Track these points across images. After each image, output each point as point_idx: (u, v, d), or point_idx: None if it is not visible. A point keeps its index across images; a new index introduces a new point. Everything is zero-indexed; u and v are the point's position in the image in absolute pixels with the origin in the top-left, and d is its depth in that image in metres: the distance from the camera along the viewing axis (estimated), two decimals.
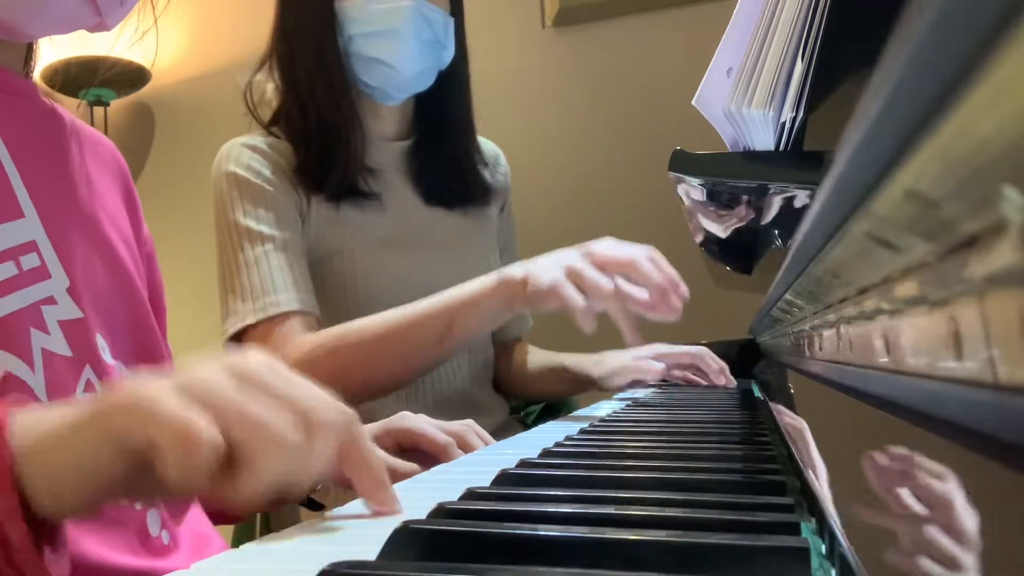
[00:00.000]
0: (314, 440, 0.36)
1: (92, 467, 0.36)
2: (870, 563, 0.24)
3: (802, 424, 0.46)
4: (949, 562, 0.17)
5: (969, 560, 0.16)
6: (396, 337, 0.95)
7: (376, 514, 0.40)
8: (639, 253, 0.85)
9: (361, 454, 0.40)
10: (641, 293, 0.83)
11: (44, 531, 0.36)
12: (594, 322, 0.82)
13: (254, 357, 0.38)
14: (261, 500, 0.35)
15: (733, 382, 1.16)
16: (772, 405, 0.73)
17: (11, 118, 0.56)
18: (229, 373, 0.36)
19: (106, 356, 0.58)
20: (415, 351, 0.94)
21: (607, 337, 1.06)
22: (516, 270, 0.90)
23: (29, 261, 0.53)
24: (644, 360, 1.13)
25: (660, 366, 1.12)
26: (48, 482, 0.36)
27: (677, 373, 1.18)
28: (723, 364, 1.18)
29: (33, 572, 0.36)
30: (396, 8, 1.08)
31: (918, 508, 0.21)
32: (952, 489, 0.18)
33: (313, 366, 0.93)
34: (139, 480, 0.36)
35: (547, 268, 0.86)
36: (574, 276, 0.83)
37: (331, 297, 1.10)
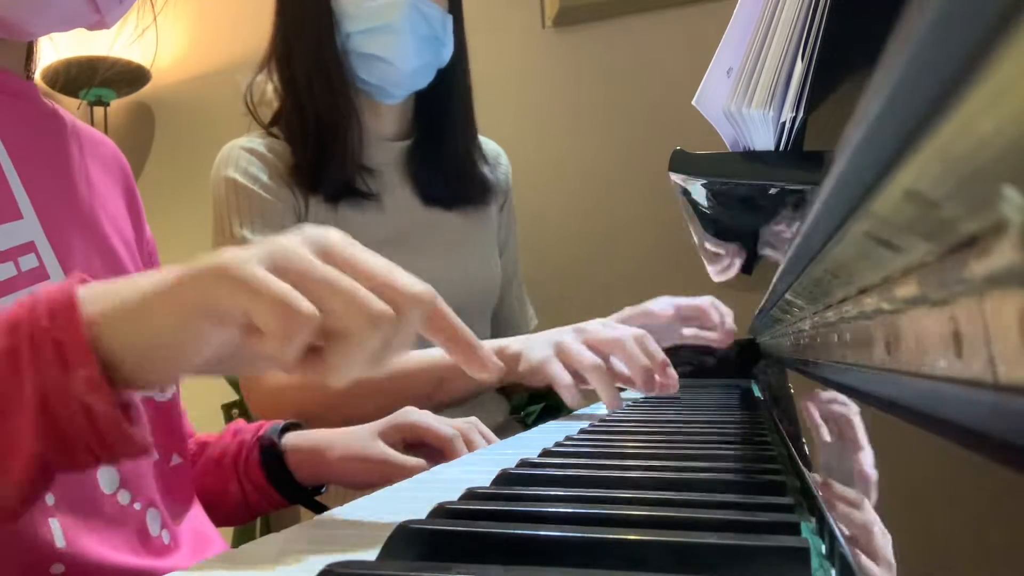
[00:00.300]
0: (403, 312, 0.36)
1: (181, 337, 0.35)
2: (869, 562, 0.24)
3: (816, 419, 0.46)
4: (949, 562, 0.17)
5: (969, 560, 0.16)
6: (385, 386, 0.94)
7: (480, 370, 0.41)
8: (627, 335, 0.89)
9: (450, 321, 0.40)
10: (625, 372, 0.88)
11: (122, 401, 0.36)
12: (580, 399, 0.86)
13: (330, 232, 0.37)
14: (348, 376, 0.35)
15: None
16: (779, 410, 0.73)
17: (11, 119, 0.56)
18: (310, 246, 0.36)
19: None
20: (403, 402, 0.94)
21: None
22: (513, 344, 0.93)
23: (28, 262, 0.53)
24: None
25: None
26: (133, 353, 0.35)
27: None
28: (731, 325, 1.15)
29: (118, 442, 0.35)
30: (392, 4, 1.08)
31: (918, 508, 0.21)
32: (952, 489, 0.18)
33: (301, 394, 0.94)
34: (226, 351, 0.36)
35: (539, 346, 0.90)
36: (562, 353, 0.88)
37: None
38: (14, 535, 0.46)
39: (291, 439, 0.76)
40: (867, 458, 0.28)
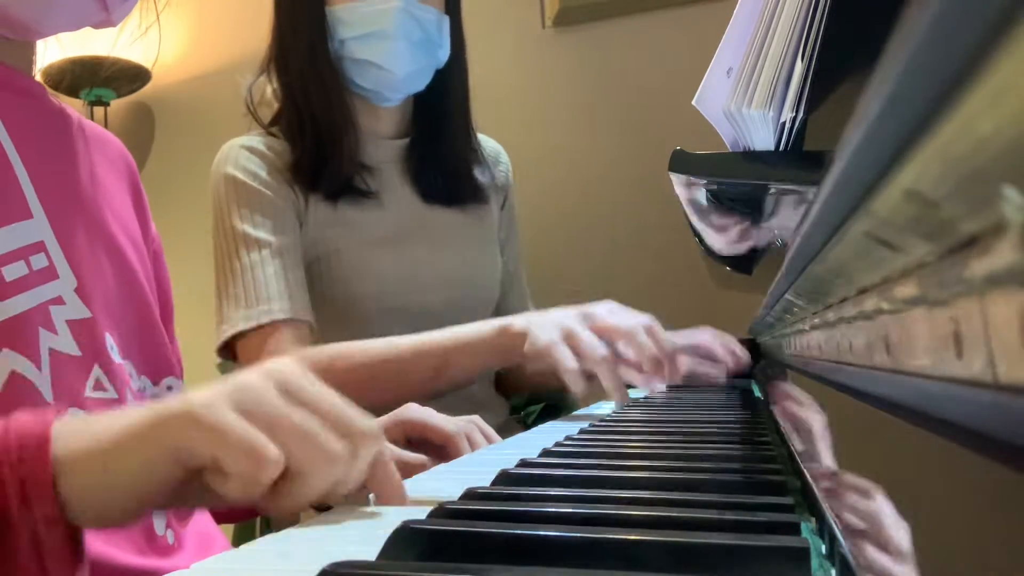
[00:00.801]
0: (357, 453, 0.38)
1: (148, 478, 0.36)
2: (869, 562, 0.24)
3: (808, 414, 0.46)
4: (949, 562, 0.17)
5: (970, 560, 0.16)
6: (389, 369, 0.94)
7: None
8: (637, 323, 0.87)
9: (388, 468, 0.42)
10: (634, 363, 0.86)
11: (71, 538, 0.37)
12: (583, 384, 0.84)
13: (288, 367, 0.39)
14: (304, 507, 0.37)
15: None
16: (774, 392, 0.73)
17: (20, 117, 0.56)
18: (274, 384, 0.37)
19: (115, 355, 0.58)
20: (406, 385, 0.94)
21: None
22: (518, 323, 0.91)
23: (38, 261, 0.53)
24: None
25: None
26: (98, 492, 0.36)
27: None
28: (742, 353, 1.14)
29: (62, 572, 0.36)
30: (384, 10, 1.08)
31: (917, 508, 0.21)
32: (952, 489, 0.18)
33: None
34: (188, 490, 0.37)
35: (546, 327, 0.88)
36: (570, 338, 0.85)
37: (330, 296, 1.11)
38: None
39: None
40: (867, 458, 0.28)
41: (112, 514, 0.37)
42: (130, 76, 1.98)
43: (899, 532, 0.22)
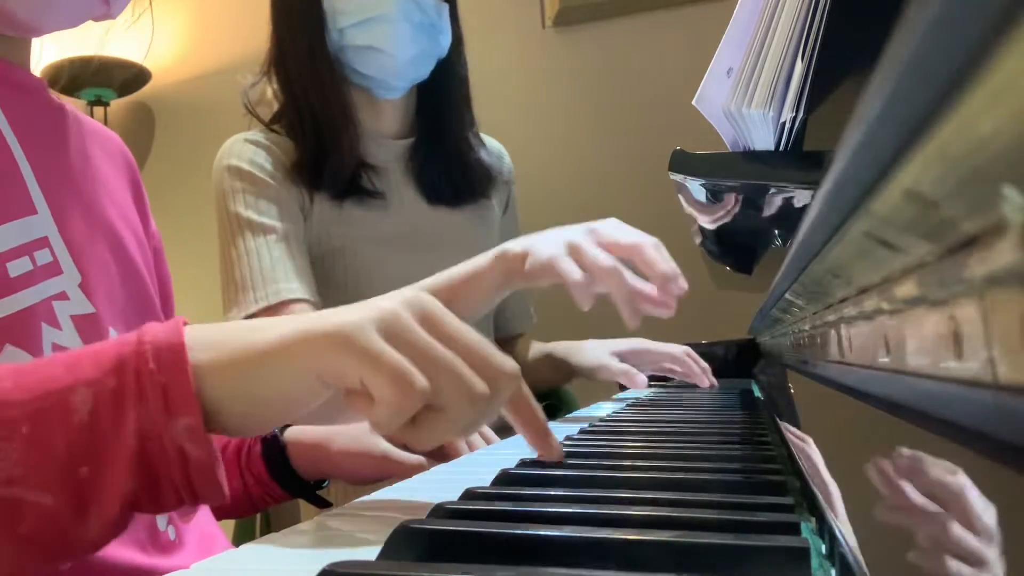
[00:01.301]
0: (497, 393, 0.37)
1: (294, 395, 0.36)
2: (871, 562, 0.24)
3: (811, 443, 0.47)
4: (949, 562, 0.17)
5: (970, 560, 0.16)
6: None
7: (549, 455, 0.45)
8: (645, 239, 0.82)
9: (530, 404, 0.42)
10: (642, 283, 0.80)
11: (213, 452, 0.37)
12: (592, 300, 0.79)
13: (427, 299, 0.38)
14: (439, 443, 0.37)
15: (715, 383, 1.15)
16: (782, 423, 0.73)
17: (22, 114, 0.56)
18: (415, 313, 0.37)
19: None
20: None
21: (609, 329, 1.07)
22: (516, 245, 0.87)
23: (42, 257, 0.53)
24: (630, 368, 1.12)
25: (643, 378, 1.11)
26: (239, 405, 0.36)
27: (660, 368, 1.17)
28: (706, 365, 1.17)
29: (206, 488, 0.36)
30: None
31: (918, 508, 0.21)
32: (952, 489, 0.18)
33: None
34: (327, 407, 0.37)
35: (547, 243, 0.83)
36: (574, 252, 0.81)
37: (333, 295, 1.10)
38: None
39: (293, 432, 0.77)
40: (867, 458, 0.28)
41: (252, 425, 0.37)
42: (130, 76, 1.98)
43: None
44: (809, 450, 0.43)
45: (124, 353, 0.35)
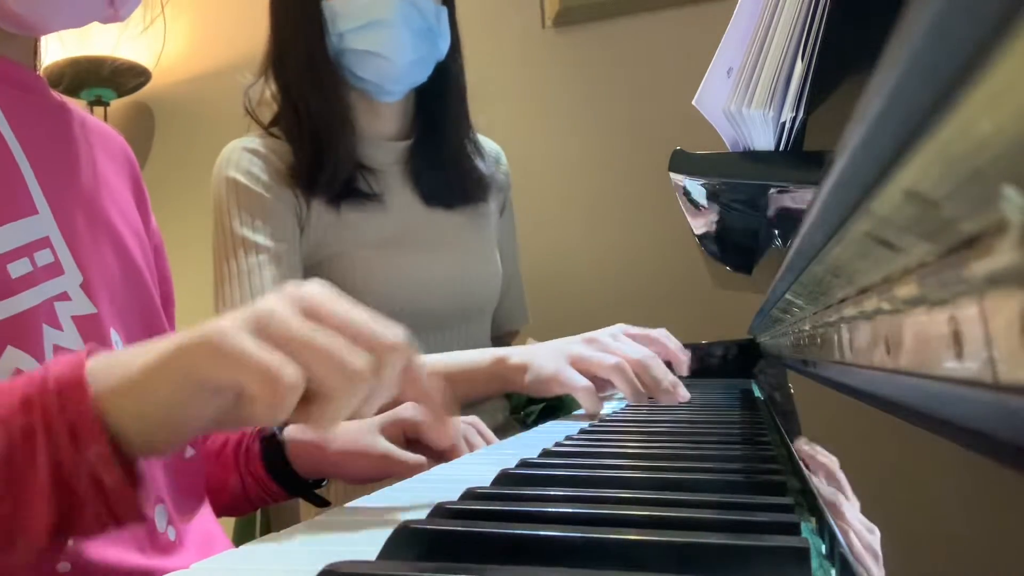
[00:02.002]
0: (383, 367, 0.38)
1: (180, 407, 0.37)
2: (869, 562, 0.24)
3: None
4: (949, 562, 0.17)
5: (969, 559, 0.16)
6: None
7: (439, 438, 0.46)
8: (645, 352, 0.86)
9: (420, 378, 0.42)
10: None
11: (129, 472, 0.38)
12: (601, 405, 0.83)
13: (309, 287, 0.39)
14: (337, 425, 0.37)
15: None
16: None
17: (23, 113, 0.56)
18: (294, 305, 0.38)
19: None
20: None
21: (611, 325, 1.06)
22: (516, 356, 0.90)
23: (43, 257, 0.53)
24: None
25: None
26: (138, 424, 0.37)
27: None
28: (682, 358, 1.00)
29: (125, 510, 0.37)
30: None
31: (917, 508, 0.21)
32: (952, 489, 0.18)
33: None
34: (223, 414, 0.38)
35: (549, 357, 0.87)
36: (578, 362, 0.85)
37: None
38: None
39: (292, 431, 0.77)
40: (867, 458, 0.28)
41: (156, 444, 0.38)
42: (130, 76, 1.97)
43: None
44: (821, 458, 0.43)
45: (30, 392, 0.37)
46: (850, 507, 0.29)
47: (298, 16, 1.11)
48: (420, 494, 0.43)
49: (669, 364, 0.94)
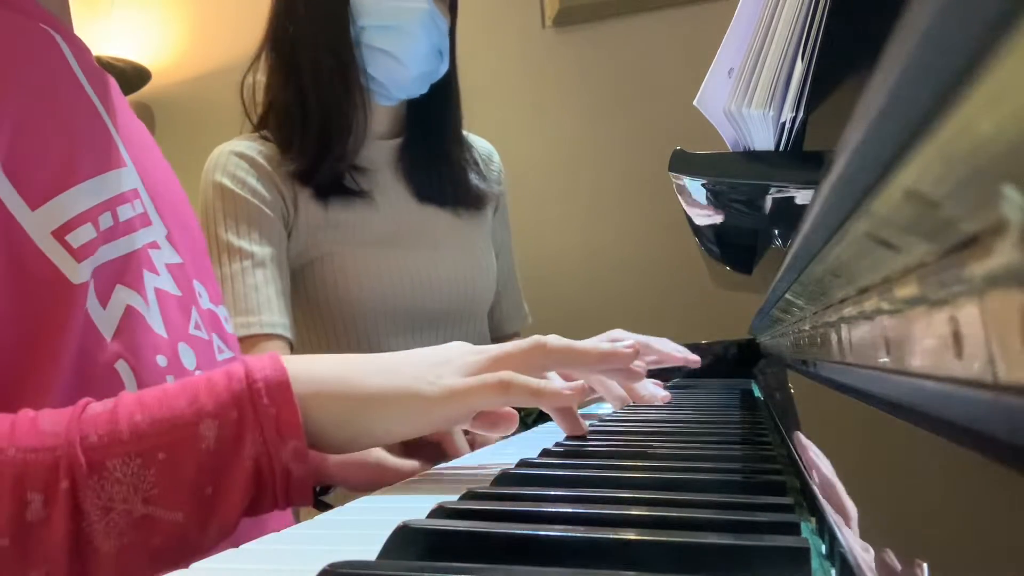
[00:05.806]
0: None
1: (403, 433, 0.46)
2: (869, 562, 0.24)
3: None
4: (949, 562, 0.17)
5: (969, 560, 0.16)
6: None
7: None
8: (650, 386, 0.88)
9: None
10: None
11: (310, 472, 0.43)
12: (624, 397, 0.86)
13: (457, 344, 0.52)
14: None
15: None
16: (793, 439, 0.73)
17: (89, 72, 0.56)
18: (478, 353, 0.49)
19: (203, 301, 0.59)
20: None
21: (608, 328, 1.06)
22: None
23: (137, 207, 0.55)
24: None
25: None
26: (348, 433, 0.44)
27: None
28: (676, 356, 1.07)
29: (299, 498, 0.43)
30: (411, 8, 1.09)
31: (917, 508, 0.21)
32: (952, 489, 0.18)
33: None
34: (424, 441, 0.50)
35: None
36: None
37: (324, 300, 1.11)
38: None
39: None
40: (867, 458, 0.28)
41: (355, 448, 0.46)
42: (130, 76, 1.97)
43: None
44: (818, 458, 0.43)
45: (238, 389, 0.41)
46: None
47: (324, 2, 1.11)
48: (420, 494, 0.43)
49: (674, 370, 0.95)
